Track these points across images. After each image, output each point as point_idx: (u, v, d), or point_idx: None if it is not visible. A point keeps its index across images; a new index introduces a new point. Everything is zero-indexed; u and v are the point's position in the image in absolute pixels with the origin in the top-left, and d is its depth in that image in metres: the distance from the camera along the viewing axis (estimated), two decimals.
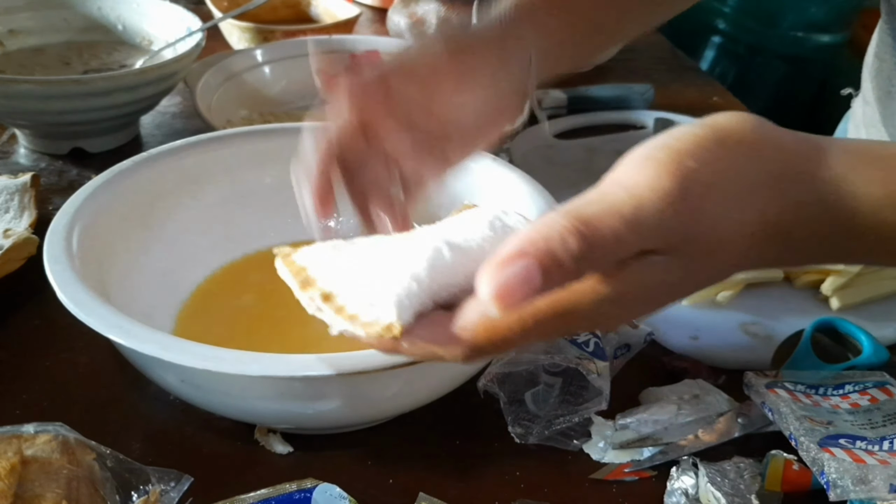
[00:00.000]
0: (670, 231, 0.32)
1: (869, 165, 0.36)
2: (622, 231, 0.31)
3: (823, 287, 0.63)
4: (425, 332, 0.34)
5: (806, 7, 1.71)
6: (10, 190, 0.66)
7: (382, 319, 0.34)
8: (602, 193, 0.32)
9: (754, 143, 0.35)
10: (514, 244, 0.30)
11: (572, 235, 0.30)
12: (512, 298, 0.29)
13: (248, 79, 0.85)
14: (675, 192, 0.32)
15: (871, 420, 0.48)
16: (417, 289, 0.34)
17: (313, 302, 0.36)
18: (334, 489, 0.43)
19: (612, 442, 0.50)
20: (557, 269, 0.30)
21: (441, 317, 0.34)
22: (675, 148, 0.33)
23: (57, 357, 0.55)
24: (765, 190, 0.34)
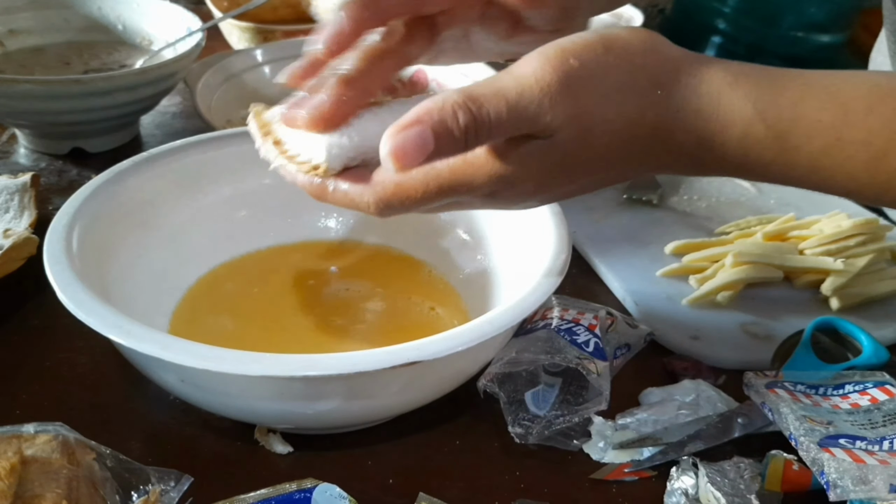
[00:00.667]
0: (547, 117, 0.37)
1: (747, 83, 0.39)
2: (503, 112, 0.36)
3: (823, 287, 0.63)
4: (347, 180, 0.40)
5: (806, 7, 1.71)
6: (10, 190, 0.66)
7: (313, 161, 0.40)
8: (495, 79, 0.37)
9: (640, 50, 0.39)
10: (412, 113, 0.36)
11: (461, 109, 0.35)
12: (406, 158, 0.35)
13: (248, 79, 0.85)
14: (553, 83, 0.37)
15: (871, 420, 0.48)
16: (347, 143, 0.40)
17: (265, 145, 0.43)
18: (334, 489, 0.43)
19: (612, 442, 0.50)
20: (447, 137, 0.36)
21: (363, 171, 0.40)
22: (563, 47, 0.38)
23: (57, 357, 0.55)
24: (643, 93, 0.38)
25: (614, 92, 0.38)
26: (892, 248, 0.66)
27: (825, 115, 0.38)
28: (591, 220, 0.71)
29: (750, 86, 0.39)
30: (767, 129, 0.39)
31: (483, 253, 0.60)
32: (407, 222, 0.62)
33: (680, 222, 0.72)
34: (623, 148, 0.39)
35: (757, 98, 0.39)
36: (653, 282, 0.64)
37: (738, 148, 0.39)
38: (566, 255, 0.49)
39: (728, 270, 0.63)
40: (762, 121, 0.38)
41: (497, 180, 0.39)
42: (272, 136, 0.43)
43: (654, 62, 0.39)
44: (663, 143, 0.39)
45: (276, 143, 0.42)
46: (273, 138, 0.43)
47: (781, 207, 0.74)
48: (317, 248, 0.63)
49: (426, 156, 0.36)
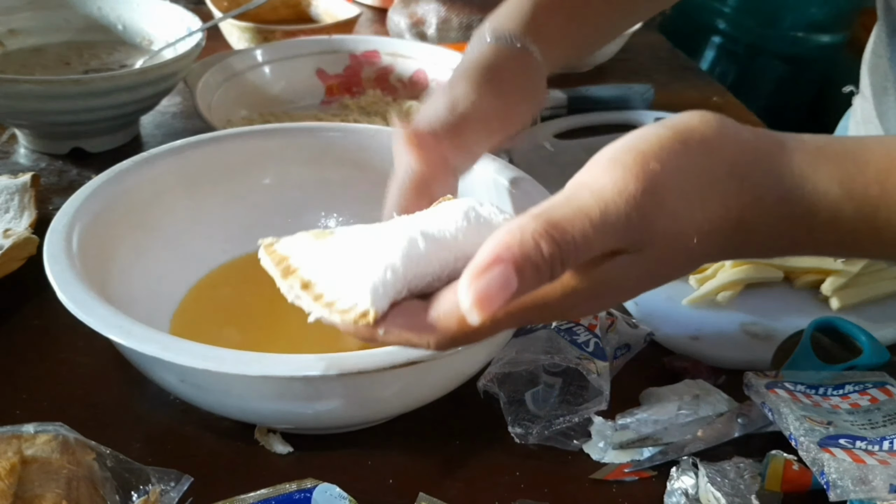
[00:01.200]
0: (635, 231, 0.34)
1: (828, 163, 0.37)
2: (590, 233, 0.33)
3: (823, 287, 0.63)
4: (400, 319, 0.35)
5: (806, 7, 1.71)
6: (10, 190, 0.66)
7: (358, 307, 0.35)
8: (569, 197, 0.34)
9: (715, 140, 0.36)
10: (489, 250, 0.31)
11: (544, 239, 0.32)
12: (491, 304, 0.31)
13: (248, 79, 0.85)
14: (639, 194, 0.34)
15: (871, 420, 0.48)
16: (392, 278, 0.35)
17: (292, 290, 0.37)
18: (334, 489, 0.43)
19: (612, 442, 0.50)
20: (532, 272, 0.32)
21: (415, 305, 0.36)
22: (640, 150, 0.35)
23: (57, 357, 0.55)
24: (726, 186, 0.36)
25: (699, 192, 0.35)
26: None
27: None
28: None
29: (832, 165, 0.37)
30: (856, 210, 0.37)
31: None
32: None
33: None
34: (711, 246, 0.37)
35: (842, 178, 0.37)
36: None
37: (826, 231, 0.38)
38: None
39: (728, 270, 0.63)
40: (850, 201, 0.37)
41: (574, 297, 0.35)
42: (298, 278, 0.37)
43: (731, 152, 0.36)
44: (749, 235, 0.37)
45: (304, 285, 0.37)
46: (300, 280, 0.37)
47: None
48: None
49: (510, 295, 0.31)
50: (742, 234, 0.37)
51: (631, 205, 0.33)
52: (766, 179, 0.37)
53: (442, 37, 1.01)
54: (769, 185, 0.37)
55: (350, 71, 0.91)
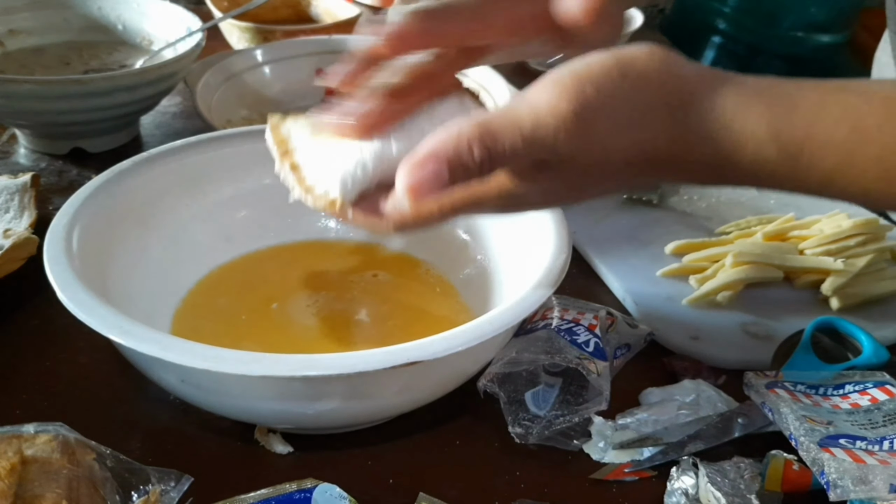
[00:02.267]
0: (562, 149, 0.37)
1: (761, 104, 0.39)
2: (519, 145, 0.37)
3: (823, 287, 0.63)
4: (364, 206, 0.42)
5: (806, 7, 1.71)
6: (10, 190, 0.66)
7: (329, 195, 0.42)
8: (510, 108, 0.38)
9: (655, 73, 0.39)
10: (427, 147, 0.36)
11: (476, 143, 0.36)
12: (421, 192, 0.37)
13: (248, 79, 0.85)
14: (569, 115, 0.37)
15: (871, 420, 0.48)
16: (361, 174, 0.42)
17: (283, 168, 0.44)
18: (334, 489, 0.43)
19: (612, 442, 0.50)
20: (462, 169, 0.36)
21: (378, 196, 0.41)
22: (579, 74, 0.38)
23: (57, 357, 0.55)
24: (657, 119, 0.38)
25: (629, 120, 0.38)
26: (892, 248, 0.66)
27: (838, 132, 0.38)
28: (591, 220, 0.71)
29: (763, 106, 0.38)
30: (779, 150, 0.38)
31: (483, 253, 0.60)
32: None
33: (680, 222, 0.72)
34: (636, 169, 0.40)
35: (770, 119, 0.38)
36: (653, 282, 0.64)
37: (749, 168, 0.39)
38: (566, 255, 0.49)
39: (728, 270, 0.63)
40: (774, 141, 0.38)
41: (508, 197, 0.40)
42: (290, 158, 0.44)
43: (669, 86, 0.39)
44: (676, 166, 0.40)
45: (293, 167, 0.43)
46: (291, 161, 0.44)
47: (781, 207, 0.74)
48: (317, 248, 0.63)
49: (441, 189, 0.37)
50: (667, 166, 0.39)
51: (560, 123, 0.37)
52: (698, 116, 0.38)
53: None
54: (700, 120, 0.39)
55: None
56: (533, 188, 0.40)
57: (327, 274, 0.61)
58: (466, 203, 0.40)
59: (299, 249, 0.63)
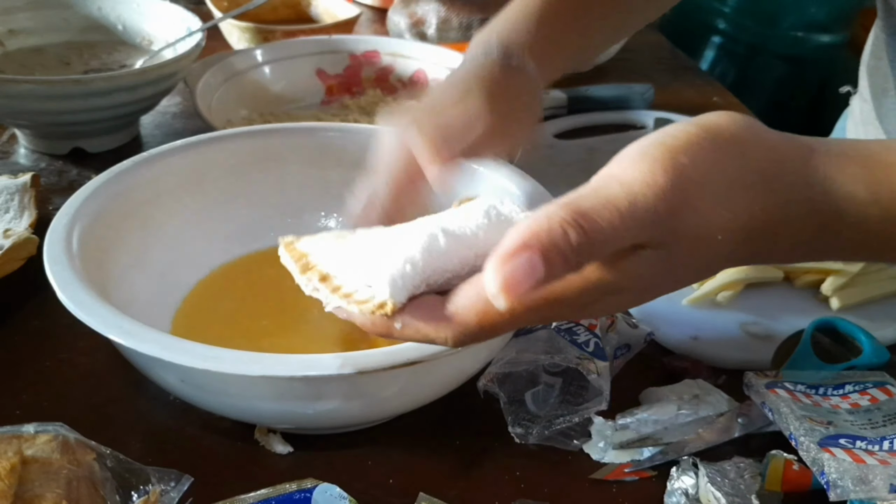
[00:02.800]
0: (662, 225, 0.33)
1: (854, 166, 0.37)
2: (618, 224, 0.32)
3: (823, 287, 0.63)
4: (417, 312, 0.35)
5: (806, 7, 1.71)
6: (10, 190, 0.66)
7: (376, 298, 0.35)
8: (597, 188, 0.33)
9: (745, 141, 0.36)
10: (517, 237, 0.31)
11: (572, 228, 0.31)
12: (518, 290, 0.31)
13: (248, 79, 0.85)
14: (667, 187, 0.33)
15: (871, 420, 0.48)
16: (411, 271, 0.35)
17: (311, 282, 0.37)
18: (334, 489, 0.43)
19: (612, 442, 0.50)
20: (560, 260, 0.31)
21: (433, 300, 0.36)
22: (669, 145, 0.34)
23: (57, 357, 0.55)
24: (754, 188, 0.35)
25: (727, 190, 0.35)
26: None
27: None
28: None
29: (858, 168, 0.37)
30: (883, 213, 0.37)
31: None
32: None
33: None
34: (735, 249, 0.36)
35: (868, 180, 0.37)
36: None
37: (853, 235, 0.37)
38: None
39: (728, 270, 0.63)
40: (875, 203, 0.36)
41: (595, 291, 0.35)
42: (316, 272, 0.38)
43: (760, 154, 0.36)
44: (774, 239, 0.37)
45: (322, 278, 0.37)
46: (318, 273, 0.37)
47: None
48: None
49: (536, 281, 0.31)
50: (768, 238, 0.36)
51: (659, 197, 0.33)
52: (794, 183, 0.36)
53: (442, 37, 1.01)
54: (797, 188, 0.36)
55: (350, 71, 0.91)
56: (625, 278, 0.35)
57: None
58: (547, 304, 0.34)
59: None
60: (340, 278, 0.37)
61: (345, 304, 0.36)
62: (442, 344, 0.35)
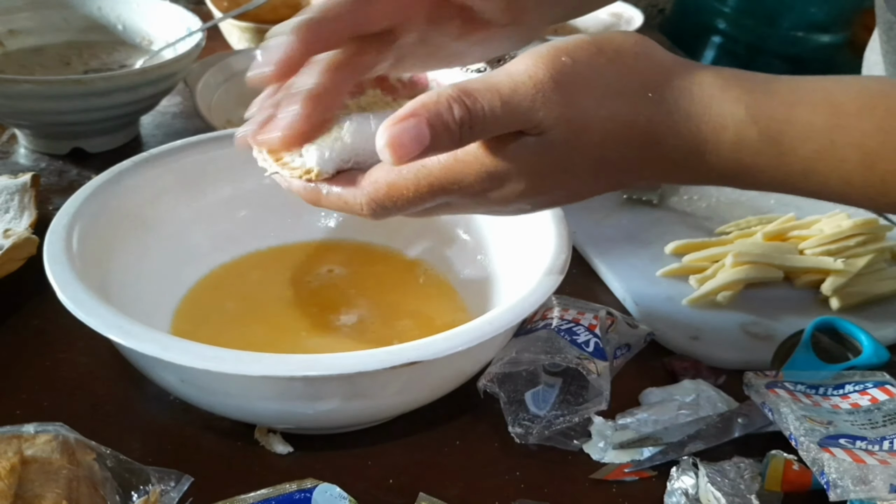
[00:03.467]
0: (540, 112, 0.37)
1: (737, 87, 0.39)
2: (497, 106, 0.36)
3: (823, 287, 0.63)
4: (339, 181, 0.41)
5: (806, 7, 1.71)
6: (10, 190, 0.66)
7: (306, 165, 0.41)
8: (489, 75, 0.37)
9: (630, 53, 0.39)
10: (407, 106, 0.36)
11: (456, 102, 0.36)
12: (403, 149, 0.35)
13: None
14: (546, 79, 0.37)
15: (871, 420, 0.48)
16: (339, 146, 0.41)
17: (261, 154, 0.43)
18: (334, 489, 0.43)
19: (612, 442, 0.50)
20: (443, 130, 0.35)
21: (355, 174, 0.41)
22: (556, 45, 0.38)
23: (57, 357, 0.55)
24: (637, 96, 0.38)
25: (606, 93, 0.38)
26: (892, 248, 0.66)
27: (817, 118, 0.38)
28: (591, 220, 0.71)
29: (741, 90, 0.39)
30: (760, 133, 0.38)
31: (483, 253, 0.60)
32: (407, 222, 0.62)
33: (680, 222, 0.73)
34: (616, 151, 0.39)
35: (749, 102, 0.38)
36: (653, 282, 0.64)
37: (731, 152, 0.39)
38: (566, 255, 0.49)
39: (728, 270, 0.63)
40: (754, 124, 0.38)
41: (487, 177, 0.39)
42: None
43: (645, 65, 0.39)
44: (656, 148, 0.39)
45: (270, 150, 0.43)
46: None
47: (781, 207, 0.74)
48: (317, 248, 0.63)
49: (423, 148, 0.35)
50: (649, 146, 0.39)
51: (538, 87, 0.36)
52: (676, 94, 0.38)
53: None
54: (678, 100, 0.38)
55: None
56: (512, 167, 0.38)
57: (327, 274, 0.61)
58: (445, 182, 0.38)
59: (299, 250, 0.63)
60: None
61: (280, 170, 0.42)
62: (358, 211, 0.40)
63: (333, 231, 0.64)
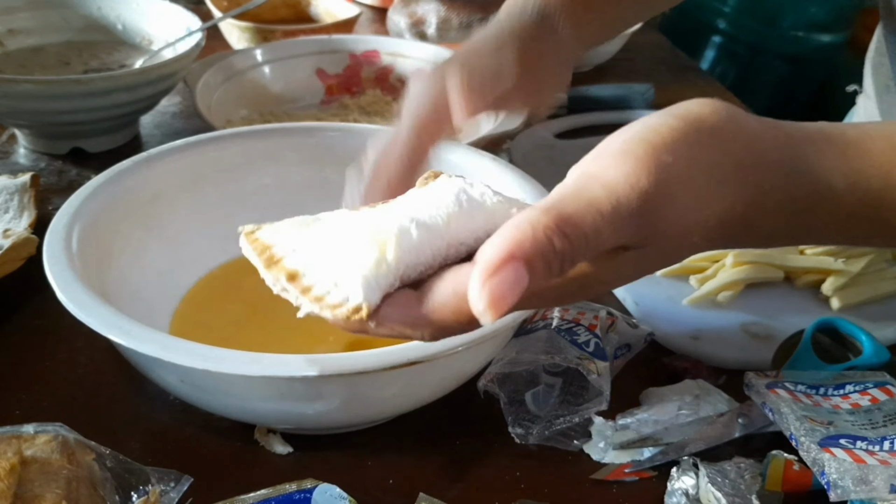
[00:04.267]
0: (645, 228, 0.33)
1: (832, 154, 0.37)
2: (602, 228, 0.32)
3: (824, 287, 0.63)
4: (393, 312, 0.34)
5: (806, 7, 1.71)
6: (10, 190, 0.66)
7: (350, 301, 0.33)
8: (579, 189, 0.33)
9: (726, 131, 0.36)
10: (501, 247, 0.30)
11: (556, 236, 0.31)
12: (504, 303, 0.30)
13: (248, 79, 0.85)
14: (651, 189, 0.33)
15: (871, 420, 0.48)
16: (385, 270, 0.33)
17: (278, 282, 0.35)
18: (334, 489, 0.43)
19: (612, 442, 0.50)
20: (543, 268, 0.31)
21: (408, 296, 0.34)
22: (652, 142, 0.34)
23: (57, 357, 0.55)
24: (732, 180, 0.36)
25: (706, 186, 0.35)
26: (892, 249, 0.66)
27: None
28: None
29: (836, 157, 0.37)
30: (858, 202, 0.37)
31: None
32: None
33: None
34: (712, 240, 0.37)
35: (845, 171, 0.37)
36: (653, 282, 0.64)
37: (830, 221, 0.38)
38: None
39: (728, 270, 0.63)
40: (853, 194, 0.37)
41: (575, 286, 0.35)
42: (283, 269, 0.35)
43: (740, 143, 0.36)
44: (752, 231, 0.37)
45: (290, 276, 0.34)
46: (286, 271, 0.35)
47: None
48: None
49: (521, 292, 0.30)
50: (745, 228, 0.37)
51: (643, 199, 0.33)
52: (772, 173, 0.36)
53: (442, 37, 1.01)
54: (775, 179, 0.36)
55: (350, 71, 0.91)
56: (606, 275, 0.35)
57: None
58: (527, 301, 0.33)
59: None
60: (309, 277, 0.34)
61: (317, 310, 0.34)
62: (419, 340, 0.35)
63: None
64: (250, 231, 0.38)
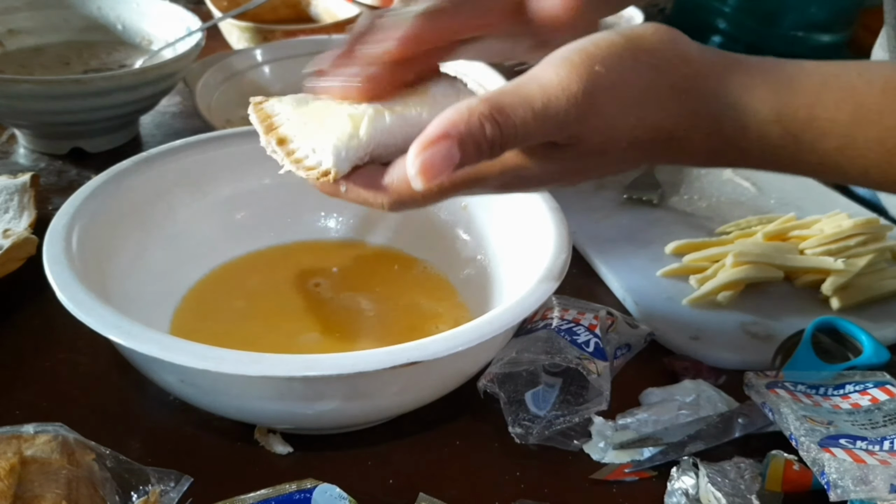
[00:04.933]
0: (571, 127, 0.37)
1: (764, 86, 0.40)
2: (530, 122, 0.36)
3: (824, 287, 0.63)
4: (359, 180, 0.40)
5: (806, 7, 1.71)
6: (10, 190, 0.66)
7: (322, 165, 0.40)
8: (519, 85, 0.37)
9: (664, 54, 0.39)
10: (438, 126, 0.35)
11: (488, 121, 0.35)
12: (433, 174, 0.35)
13: (248, 79, 0.85)
14: (580, 94, 0.37)
15: (871, 420, 0.48)
16: (356, 144, 0.40)
17: (270, 144, 0.42)
18: (334, 489, 0.43)
19: (612, 442, 0.50)
20: (474, 149, 0.36)
21: (374, 169, 0.40)
22: (589, 52, 0.38)
23: (57, 357, 0.55)
24: (665, 99, 0.39)
25: (636, 100, 0.38)
26: (892, 248, 0.66)
27: (840, 115, 0.40)
28: (591, 220, 0.71)
29: (766, 88, 0.40)
30: (783, 132, 0.40)
31: (483, 253, 0.60)
32: (408, 223, 0.62)
33: (680, 222, 0.72)
34: (640, 151, 0.40)
35: (773, 102, 0.39)
36: (653, 282, 0.64)
37: (752, 149, 0.40)
38: (566, 255, 0.49)
39: (728, 270, 0.63)
40: (777, 122, 0.39)
41: (513, 177, 0.40)
42: (276, 133, 0.42)
43: (675, 67, 0.39)
44: (679, 147, 0.40)
45: (280, 141, 0.42)
46: (277, 136, 0.42)
47: (782, 207, 0.74)
48: (317, 248, 0.63)
49: (452, 167, 0.35)
50: (673, 145, 0.40)
51: (571, 102, 0.36)
52: (703, 97, 0.39)
53: None
54: (705, 102, 0.39)
55: None
56: (538, 168, 0.40)
57: (326, 274, 0.61)
58: (468, 181, 0.40)
59: (299, 249, 0.63)
60: (296, 142, 0.41)
61: (294, 169, 0.41)
62: (379, 208, 0.40)
63: (333, 231, 0.64)
64: (258, 102, 0.45)
